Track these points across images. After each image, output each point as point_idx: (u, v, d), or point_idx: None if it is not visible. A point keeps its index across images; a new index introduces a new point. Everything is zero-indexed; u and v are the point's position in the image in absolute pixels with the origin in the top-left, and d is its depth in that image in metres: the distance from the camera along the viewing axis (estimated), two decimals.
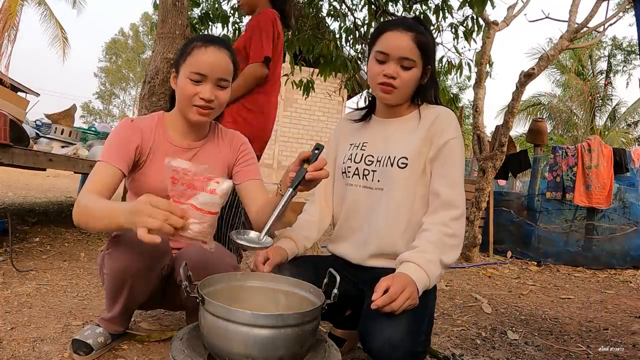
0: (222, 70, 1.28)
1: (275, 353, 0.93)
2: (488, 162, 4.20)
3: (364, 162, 1.36)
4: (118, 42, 40.74)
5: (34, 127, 3.91)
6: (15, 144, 2.39)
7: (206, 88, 1.26)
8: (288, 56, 4.93)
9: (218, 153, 1.43)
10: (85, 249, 2.80)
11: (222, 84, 1.29)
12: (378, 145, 1.36)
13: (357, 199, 1.37)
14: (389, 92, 1.30)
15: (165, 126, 1.38)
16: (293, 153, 15.91)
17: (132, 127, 1.31)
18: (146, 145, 1.33)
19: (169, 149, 1.36)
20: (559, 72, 19.26)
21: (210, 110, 1.29)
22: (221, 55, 1.28)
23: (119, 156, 1.25)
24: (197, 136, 1.40)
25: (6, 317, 1.54)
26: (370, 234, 1.33)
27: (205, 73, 1.25)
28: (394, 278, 1.09)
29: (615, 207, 4.57)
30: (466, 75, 4.81)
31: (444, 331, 1.95)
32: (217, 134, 1.46)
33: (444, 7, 4.14)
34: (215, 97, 1.28)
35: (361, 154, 1.38)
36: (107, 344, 1.35)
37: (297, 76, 4.96)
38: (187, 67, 1.26)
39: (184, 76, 1.27)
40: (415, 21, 1.33)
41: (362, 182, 1.36)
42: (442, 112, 1.32)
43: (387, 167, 1.31)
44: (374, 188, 1.34)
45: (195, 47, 1.27)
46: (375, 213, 1.33)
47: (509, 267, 4.02)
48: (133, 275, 1.21)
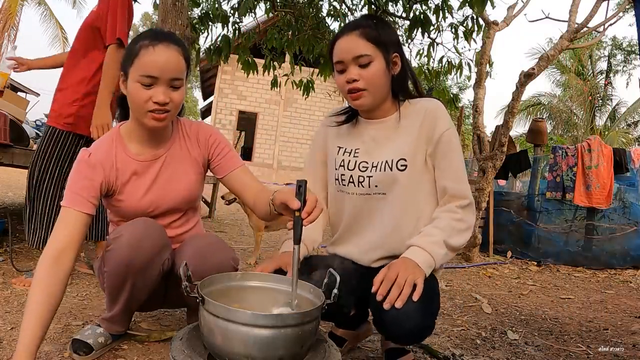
0: (174, 70, 1.18)
1: (275, 353, 0.93)
2: (488, 162, 4.20)
3: (359, 169, 1.34)
4: None
5: (34, 127, 3.91)
6: (15, 144, 2.39)
7: (159, 91, 1.16)
8: (288, 56, 4.93)
9: (188, 155, 1.36)
10: (85, 248, 2.80)
11: (175, 83, 1.19)
12: (370, 150, 1.34)
13: (358, 206, 1.36)
14: (360, 97, 1.26)
15: (123, 142, 1.30)
16: (293, 153, 15.92)
17: (91, 166, 1.23)
18: (111, 176, 1.27)
19: (135, 167, 1.30)
20: (559, 72, 19.26)
21: (166, 114, 1.20)
22: (171, 53, 1.18)
23: (82, 198, 1.18)
24: (160, 142, 1.32)
25: (6, 317, 1.54)
26: (376, 239, 1.33)
27: (156, 75, 1.15)
28: (390, 266, 1.13)
29: (615, 207, 4.57)
30: (466, 75, 4.80)
31: (444, 331, 1.95)
32: (181, 134, 1.37)
33: (444, 7, 4.14)
34: (170, 99, 1.19)
35: (354, 161, 1.35)
36: (107, 344, 1.35)
37: (297, 76, 4.95)
38: (136, 70, 1.16)
39: (134, 80, 1.17)
40: (362, 18, 1.32)
41: (358, 189, 1.34)
42: (429, 106, 1.30)
43: (386, 172, 1.29)
44: (373, 194, 1.32)
45: (142, 47, 1.17)
46: (380, 218, 1.32)
47: (509, 267, 4.02)
48: (134, 271, 1.21)
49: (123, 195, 1.30)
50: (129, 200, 1.30)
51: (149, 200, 1.31)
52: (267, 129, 15.83)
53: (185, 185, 1.36)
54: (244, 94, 15.46)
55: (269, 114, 15.82)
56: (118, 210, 1.33)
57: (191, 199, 1.40)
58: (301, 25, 4.55)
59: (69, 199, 1.18)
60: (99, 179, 1.23)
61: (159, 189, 1.33)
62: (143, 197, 1.31)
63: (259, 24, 5.05)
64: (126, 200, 1.30)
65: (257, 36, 4.81)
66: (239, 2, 4.26)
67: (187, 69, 1.24)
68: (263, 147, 15.76)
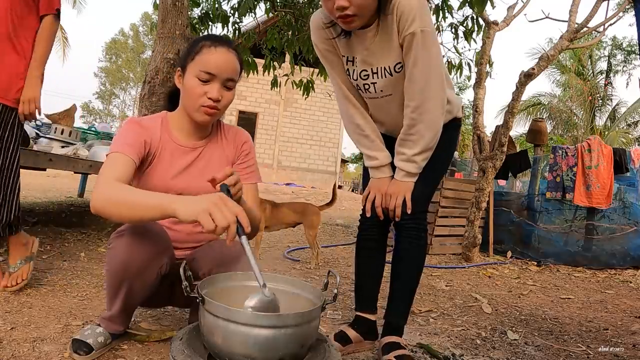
0: (231, 71, 1.29)
1: (275, 353, 0.93)
2: (488, 162, 4.20)
3: (361, 78, 1.49)
4: (118, 42, 40.73)
5: (34, 127, 3.90)
6: None
7: (214, 87, 1.27)
8: (288, 56, 4.93)
9: (222, 152, 1.44)
10: (85, 249, 2.80)
11: (229, 84, 1.30)
12: (367, 58, 1.45)
13: (371, 104, 1.57)
14: (352, 22, 1.33)
15: (169, 126, 1.38)
16: (293, 153, 15.92)
17: (139, 124, 1.32)
18: (152, 145, 1.33)
19: (174, 148, 1.36)
20: (559, 72, 19.27)
21: (216, 111, 1.29)
22: (230, 56, 1.29)
23: (131, 147, 1.24)
24: (202, 135, 1.41)
25: (6, 317, 1.54)
26: (392, 126, 1.58)
27: (215, 72, 1.26)
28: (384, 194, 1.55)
29: (615, 207, 4.57)
30: (466, 75, 4.82)
31: (444, 331, 1.95)
32: (220, 132, 1.46)
33: (444, 7, 4.14)
34: (222, 97, 1.29)
35: (356, 70, 1.49)
36: (107, 344, 1.35)
37: (297, 76, 4.96)
38: (196, 65, 1.26)
39: (192, 75, 1.27)
40: None
41: (366, 95, 1.53)
42: (401, 2, 1.34)
43: (387, 77, 1.45)
44: (380, 97, 1.51)
45: (204, 46, 1.28)
46: (393, 112, 1.54)
47: (509, 267, 4.02)
48: (130, 273, 1.21)
49: (155, 171, 1.34)
50: (158, 178, 1.34)
51: (176, 184, 1.35)
52: (267, 129, 15.83)
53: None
54: (244, 93, 15.46)
55: (269, 114, 15.82)
56: (144, 185, 1.35)
57: None
58: (301, 25, 4.55)
59: (119, 147, 1.23)
60: (145, 135, 1.30)
61: (189, 176, 1.37)
62: (172, 179, 1.35)
63: (259, 24, 5.05)
64: (155, 177, 1.34)
65: (257, 36, 4.82)
66: (239, 2, 4.26)
67: (240, 74, 1.36)
68: (263, 147, 15.76)
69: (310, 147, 16.02)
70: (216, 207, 0.94)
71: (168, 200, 1.01)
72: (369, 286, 1.66)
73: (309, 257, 3.39)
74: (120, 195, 1.07)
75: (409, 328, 1.91)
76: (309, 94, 4.97)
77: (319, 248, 3.20)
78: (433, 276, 3.27)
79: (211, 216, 0.93)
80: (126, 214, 1.06)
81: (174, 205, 0.98)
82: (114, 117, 42.79)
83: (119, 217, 1.07)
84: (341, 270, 3.21)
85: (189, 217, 0.95)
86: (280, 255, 3.52)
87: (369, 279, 1.67)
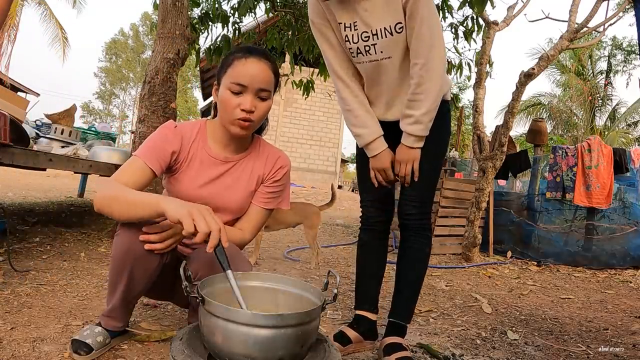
0: (262, 81, 1.28)
1: (275, 353, 0.93)
2: (488, 162, 4.20)
3: (362, 40, 1.49)
4: (118, 42, 40.75)
5: (34, 127, 3.91)
6: (15, 144, 2.39)
7: (247, 99, 1.27)
8: (288, 56, 4.93)
9: (252, 171, 1.43)
10: (85, 249, 2.80)
11: (262, 94, 1.29)
12: (367, 20, 1.46)
13: (369, 74, 1.55)
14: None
15: (205, 135, 1.39)
16: (293, 153, 15.91)
17: (173, 132, 1.34)
18: (184, 152, 1.35)
19: (205, 158, 1.37)
20: (559, 72, 19.28)
21: (250, 123, 1.29)
22: (261, 66, 1.29)
23: (154, 156, 1.28)
24: (236, 149, 1.41)
25: (6, 317, 1.54)
26: (391, 97, 1.57)
27: (245, 83, 1.26)
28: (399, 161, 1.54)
29: (615, 207, 4.57)
30: (466, 75, 4.81)
31: (444, 331, 1.95)
32: (256, 151, 1.45)
33: (444, 7, 4.14)
34: (256, 107, 1.28)
35: (356, 34, 1.50)
36: (106, 344, 1.35)
37: (297, 76, 4.95)
38: (228, 77, 1.28)
39: (225, 87, 1.28)
40: None
41: (366, 57, 1.52)
42: None
43: (387, 37, 1.45)
44: (380, 59, 1.50)
45: (235, 59, 1.29)
46: (390, 78, 1.53)
47: (509, 267, 4.02)
48: (132, 257, 1.21)
49: (183, 177, 1.36)
50: (185, 185, 1.36)
51: (200, 193, 1.37)
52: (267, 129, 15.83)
53: (239, 198, 1.42)
54: None
55: (269, 114, 15.78)
56: (171, 190, 1.39)
57: (237, 212, 1.44)
58: (301, 25, 4.55)
59: (142, 152, 1.28)
60: (174, 145, 1.33)
61: (214, 188, 1.39)
62: (198, 188, 1.37)
63: (259, 24, 5.05)
64: (183, 183, 1.36)
65: (257, 36, 4.82)
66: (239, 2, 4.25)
67: (276, 84, 1.35)
68: None
69: (310, 147, 16.03)
70: (200, 214, 1.02)
71: (160, 200, 1.08)
72: (370, 286, 1.67)
73: (309, 257, 3.39)
74: (120, 194, 1.14)
75: (409, 328, 1.90)
76: (309, 94, 4.97)
77: (318, 248, 3.20)
78: (433, 276, 3.27)
79: (194, 221, 1.01)
80: (125, 212, 1.13)
81: (164, 204, 1.06)
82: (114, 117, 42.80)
83: (119, 215, 1.15)
84: (341, 270, 3.21)
85: (174, 216, 1.03)
86: (280, 255, 3.52)
87: (370, 279, 1.67)
